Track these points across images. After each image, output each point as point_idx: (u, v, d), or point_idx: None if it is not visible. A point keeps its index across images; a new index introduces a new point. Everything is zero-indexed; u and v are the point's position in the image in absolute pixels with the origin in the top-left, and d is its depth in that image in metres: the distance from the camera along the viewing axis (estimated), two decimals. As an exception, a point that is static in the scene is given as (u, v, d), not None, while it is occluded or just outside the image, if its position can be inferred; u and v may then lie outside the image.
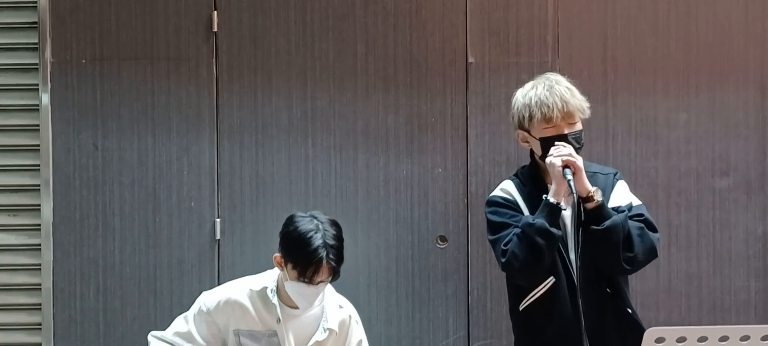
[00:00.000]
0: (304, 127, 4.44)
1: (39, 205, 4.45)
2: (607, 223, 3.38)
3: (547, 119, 3.46)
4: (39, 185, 4.45)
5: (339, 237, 3.36)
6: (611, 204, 3.50)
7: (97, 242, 4.45)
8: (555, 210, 3.40)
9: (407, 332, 4.44)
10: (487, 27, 4.43)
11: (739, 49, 4.43)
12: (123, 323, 4.45)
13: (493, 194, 3.63)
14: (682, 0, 4.42)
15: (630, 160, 4.42)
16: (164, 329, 3.64)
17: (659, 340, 2.78)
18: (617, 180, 3.62)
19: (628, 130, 4.43)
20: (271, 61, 4.44)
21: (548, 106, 3.45)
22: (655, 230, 3.52)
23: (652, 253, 3.49)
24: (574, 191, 3.37)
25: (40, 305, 4.46)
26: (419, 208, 4.43)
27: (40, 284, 4.46)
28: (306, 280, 3.31)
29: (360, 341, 3.57)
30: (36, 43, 4.44)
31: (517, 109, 3.56)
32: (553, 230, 3.38)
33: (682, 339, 2.79)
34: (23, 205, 4.48)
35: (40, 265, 4.46)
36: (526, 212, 3.52)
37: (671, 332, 2.79)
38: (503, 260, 3.45)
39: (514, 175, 3.66)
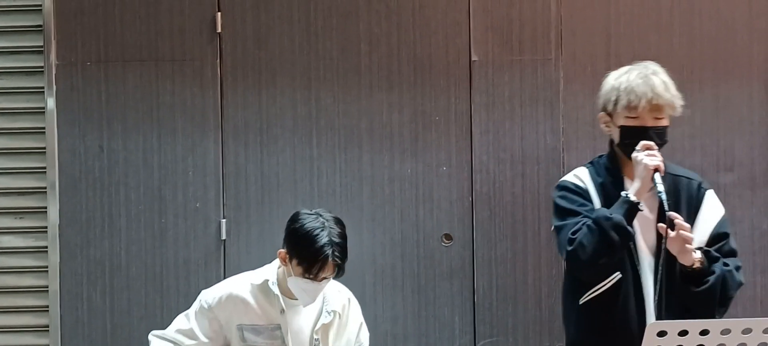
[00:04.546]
0: (308, 126, 4.45)
1: (45, 207, 4.47)
2: (707, 286, 3.25)
3: (631, 107, 3.31)
4: (45, 188, 4.47)
5: (343, 235, 3.39)
6: (700, 225, 3.37)
7: (103, 244, 4.47)
8: (634, 209, 3.27)
9: (413, 330, 4.44)
10: (491, 25, 4.43)
11: (743, 44, 4.42)
12: (130, 324, 4.46)
13: (565, 178, 3.50)
14: (685, -5, 4.43)
15: (634, 156, 4.41)
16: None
17: (661, 334, 2.77)
18: (705, 192, 3.44)
19: (633, 127, 4.42)
20: (275, 62, 4.45)
21: (636, 95, 3.30)
22: (736, 254, 3.41)
23: (740, 286, 3.38)
24: (665, 203, 3.19)
25: (47, 307, 4.48)
26: (424, 206, 4.44)
27: (46, 286, 4.48)
28: (311, 276, 3.34)
29: (360, 323, 3.59)
30: (41, 47, 4.46)
31: (606, 90, 3.41)
32: (629, 228, 3.26)
33: (683, 333, 2.78)
34: (29, 207, 4.50)
35: (46, 267, 4.48)
36: (597, 202, 3.39)
37: (673, 326, 2.79)
38: (569, 248, 3.30)
39: (589, 163, 3.52)
